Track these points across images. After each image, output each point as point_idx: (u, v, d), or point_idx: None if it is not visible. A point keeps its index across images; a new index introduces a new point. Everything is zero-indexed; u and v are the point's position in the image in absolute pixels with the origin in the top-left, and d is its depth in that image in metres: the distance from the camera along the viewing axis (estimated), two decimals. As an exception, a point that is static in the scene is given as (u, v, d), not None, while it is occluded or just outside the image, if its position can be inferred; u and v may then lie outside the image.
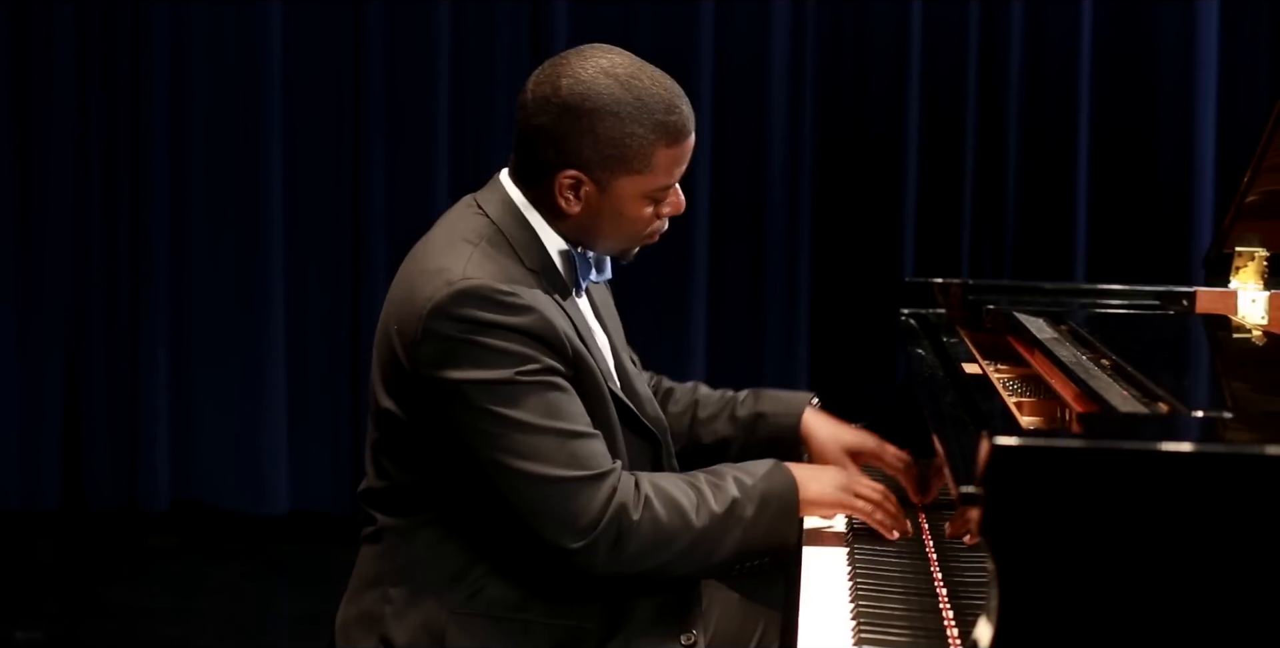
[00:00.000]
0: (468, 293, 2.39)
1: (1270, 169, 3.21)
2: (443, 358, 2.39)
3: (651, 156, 2.48)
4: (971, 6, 5.77)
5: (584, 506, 2.38)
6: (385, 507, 2.55)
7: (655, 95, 2.48)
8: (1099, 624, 1.75)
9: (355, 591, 2.60)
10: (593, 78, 2.46)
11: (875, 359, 5.91)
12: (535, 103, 2.48)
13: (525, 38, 5.88)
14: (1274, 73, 5.70)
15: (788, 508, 2.55)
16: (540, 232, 2.54)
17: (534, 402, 2.39)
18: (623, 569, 2.43)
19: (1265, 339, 3.06)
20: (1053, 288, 3.61)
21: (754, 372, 5.97)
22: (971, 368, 2.88)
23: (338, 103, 5.92)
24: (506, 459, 2.38)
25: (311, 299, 6.00)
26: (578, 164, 2.47)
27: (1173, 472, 1.76)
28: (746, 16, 5.85)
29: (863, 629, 2.25)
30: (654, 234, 2.60)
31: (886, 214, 5.86)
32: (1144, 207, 5.81)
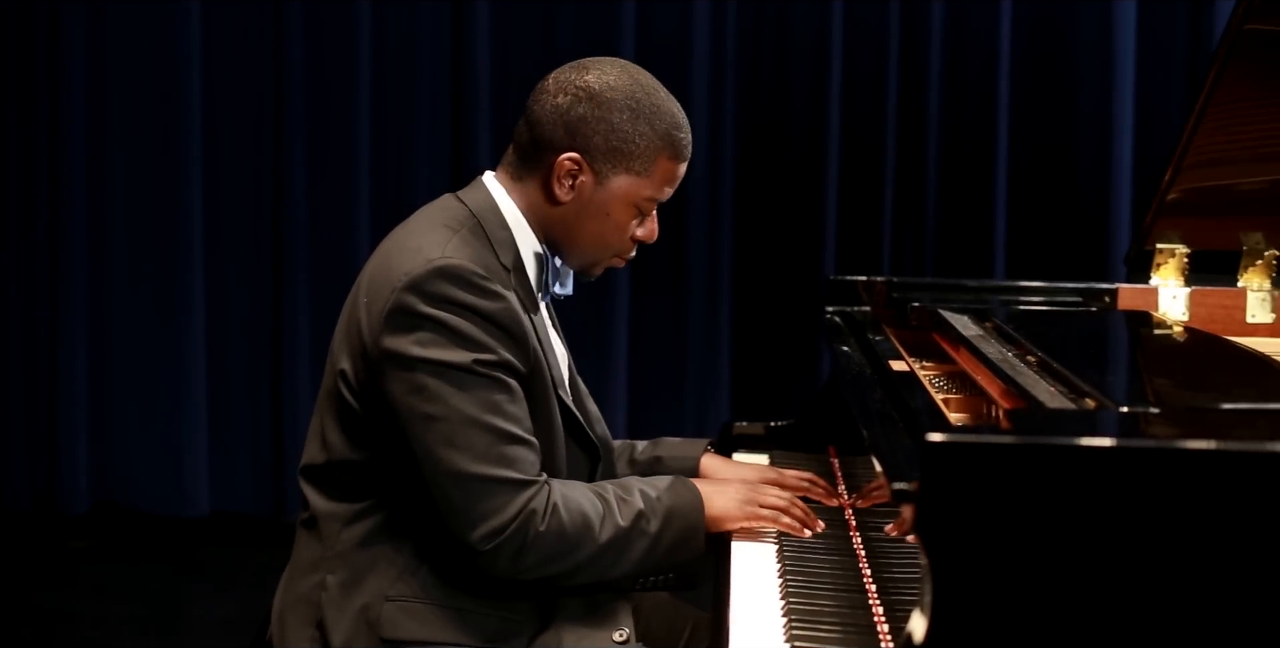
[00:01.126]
0: (445, 271, 2.41)
1: (1191, 166, 3.25)
2: (407, 331, 2.40)
3: (654, 162, 2.55)
4: (892, 6, 5.80)
5: (497, 508, 2.38)
6: (326, 489, 2.55)
7: (670, 109, 2.58)
8: (1031, 618, 1.76)
9: (292, 577, 2.59)
10: (618, 75, 2.55)
11: (798, 358, 5.93)
12: (557, 85, 2.55)
13: (446, 36, 5.86)
14: (1190, 73, 5.76)
15: (692, 526, 2.56)
16: (517, 232, 2.56)
17: (481, 395, 2.39)
18: (521, 576, 2.44)
19: (1186, 335, 3.09)
20: (976, 285, 3.63)
21: (676, 372, 5.99)
22: (898, 365, 2.89)
23: (258, 105, 5.89)
24: (437, 446, 2.38)
25: (232, 300, 5.96)
26: (585, 149, 2.52)
27: (1101, 467, 1.77)
28: (667, 16, 5.85)
29: (794, 627, 2.26)
30: (623, 254, 2.65)
31: (808, 213, 5.88)
32: (1062, 205, 5.86)
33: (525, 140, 2.58)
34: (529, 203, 2.58)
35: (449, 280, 2.40)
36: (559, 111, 2.53)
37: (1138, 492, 1.76)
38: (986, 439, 1.82)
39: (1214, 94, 3.08)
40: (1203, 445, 1.77)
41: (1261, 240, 3.47)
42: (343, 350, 2.51)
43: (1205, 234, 3.50)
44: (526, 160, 2.57)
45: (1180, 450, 1.78)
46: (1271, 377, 2.42)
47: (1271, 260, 3.46)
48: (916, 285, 3.61)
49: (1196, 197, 3.36)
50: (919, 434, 2.00)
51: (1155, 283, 3.53)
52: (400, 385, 2.40)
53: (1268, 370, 2.47)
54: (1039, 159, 5.86)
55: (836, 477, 3.13)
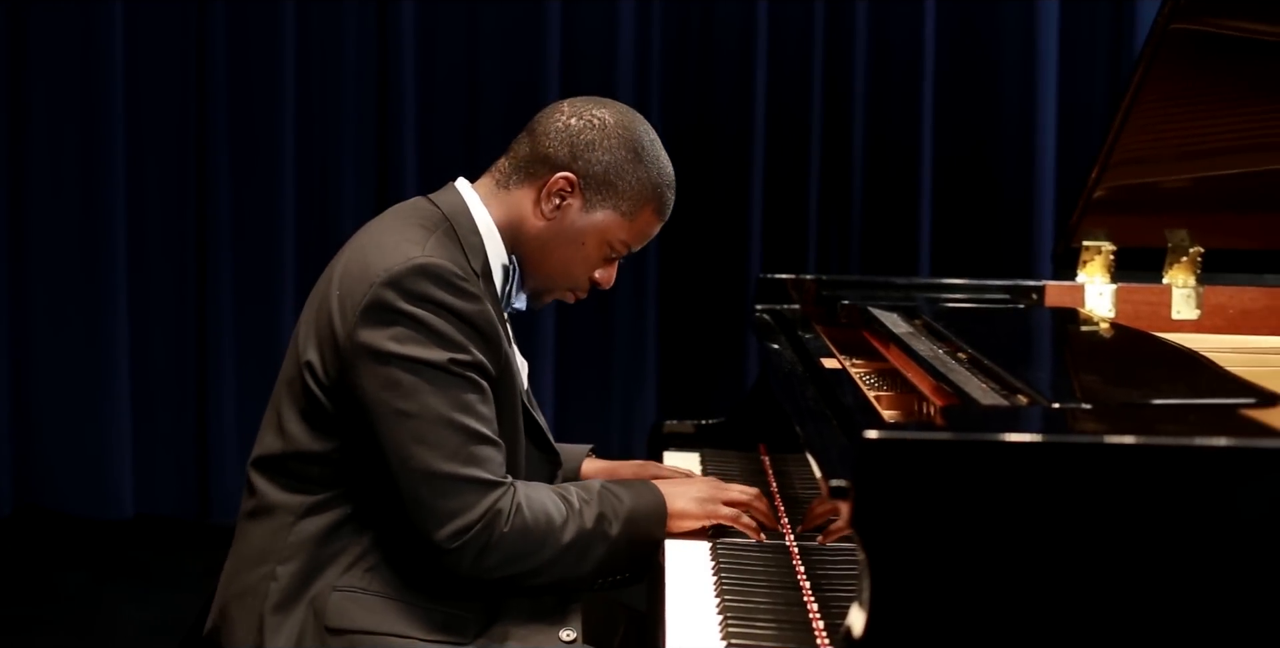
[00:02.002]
0: (426, 270, 2.42)
1: (1118, 165, 3.28)
2: (384, 326, 2.41)
3: (640, 209, 2.62)
4: (817, 6, 5.82)
5: (464, 507, 2.39)
6: (278, 479, 2.54)
7: (669, 169, 2.67)
8: (969, 611, 1.77)
9: (237, 569, 2.57)
10: (632, 119, 2.63)
11: (724, 357, 5.94)
12: (572, 108, 2.60)
13: (371, 38, 5.84)
14: (1112, 72, 5.81)
15: (654, 527, 2.58)
16: (487, 240, 2.58)
17: (454, 394, 2.41)
18: (484, 576, 2.44)
19: (1115, 332, 3.12)
20: (905, 283, 3.67)
21: (603, 372, 5.99)
22: (830, 363, 2.90)
23: (181, 104, 5.85)
24: (407, 442, 2.39)
25: (155, 301, 5.92)
26: (582, 174, 2.57)
27: (1035, 463, 1.79)
28: (592, 17, 5.85)
29: (730, 624, 2.26)
30: (578, 290, 2.69)
31: (734, 212, 5.89)
32: (986, 203, 5.90)
33: (524, 152, 2.61)
34: (509, 214, 2.60)
35: (429, 279, 2.42)
36: (569, 131, 2.57)
37: (1071, 487, 1.77)
38: (922, 436, 1.83)
39: (1140, 93, 3.11)
40: (1135, 441, 1.79)
41: (1186, 238, 3.50)
42: (309, 342, 2.51)
43: (1131, 231, 3.53)
44: (521, 171, 2.60)
45: (1113, 446, 1.79)
46: (1199, 372, 2.45)
47: (1196, 257, 3.50)
48: (845, 283, 3.63)
49: (1122, 194, 3.39)
50: (854, 432, 2.01)
51: (1081, 280, 3.56)
52: (373, 380, 2.40)
53: (1195, 366, 2.50)
54: (963, 158, 5.90)
55: (768, 474, 3.13)
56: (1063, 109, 5.81)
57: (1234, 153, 3.31)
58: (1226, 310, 3.49)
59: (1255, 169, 3.33)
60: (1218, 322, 3.48)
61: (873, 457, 1.80)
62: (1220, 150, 3.32)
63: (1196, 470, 1.77)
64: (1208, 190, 3.41)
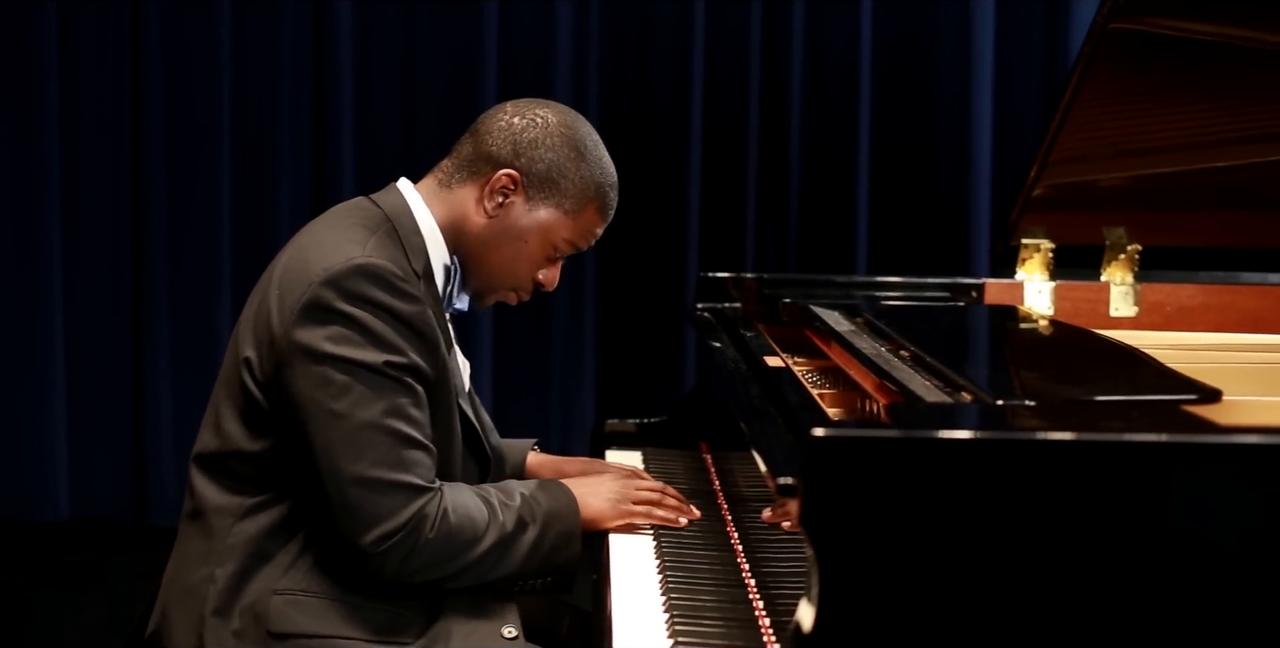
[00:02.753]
0: (366, 270, 2.42)
1: (1056, 163, 3.30)
2: (320, 326, 2.40)
3: (583, 207, 2.63)
4: (754, 5, 5.83)
5: (390, 513, 2.38)
6: (218, 479, 2.53)
7: (611, 169, 2.67)
8: (917, 605, 1.78)
9: (178, 569, 2.56)
10: (574, 120, 2.64)
11: (663, 355, 5.94)
12: (515, 108, 2.62)
13: (308, 36, 5.81)
14: (1047, 71, 5.84)
15: (569, 530, 2.57)
16: (429, 240, 2.58)
17: (388, 397, 2.40)
18: (406, 579, 2.43)
19: (1055, 329, 3.14)
20: (846, 281, 3.68)
21: (541, 371, 5.98)
22: (773, 361, 2.91)
23: (116, 104, 5.81)
24: (337, 444, 2.38)
25: (91, 301, 5.88)
26: (525, 171, 2.58)
27: (983, 459, 1.80)
28: (530, 17, 5.84)
29: (676, 622, 2.26)
30: (521, 290, 2.71)
31: (671, 210, 5.89)
32: (922, 202, 5.92)
33: (467, 152, 2.62)
34: (452, 213, 2.60)
35: (368, 279, 2.41)
36: (511, 130, 2.58)
37: (1018, 483, 1.78)
38: (871, 433, 1.84)
39: (1079, 92, 3.13)
40: (1082, 437, 1.80)
41: (1124, 235, 3.53)
42: (248, 339, 2.50)
43: (1069, 229, 3.56)
44: (464, 170, 2.61)
45: (1061, 443, 1.80)
46: (1140, 368, 2.46)
47: (1134, 255, 3.53)
48: (786, 282, 3.64)
49: (1061, 192, 3.41)
50: (800, 430, 2.02)
51: (1021, 277, 3.58)
52: (307, 379, 2.39)
53: (1136, 362, 2.51)
54: (900, 156, 5.92)
55: (710, 472, 3.14)
56: (999, 108, 5.84)
57: (1171, 151, 3.34)
58: (1164, 307, 3.52)
59: (1192, 167, 3.36)
60: (1155, 319, 3.51)
61: (821, 455, 1.81)
62: (1157, 149, 3.34)
63: (1142, 466, 1.79)
64: (1145, 188, 3.43)
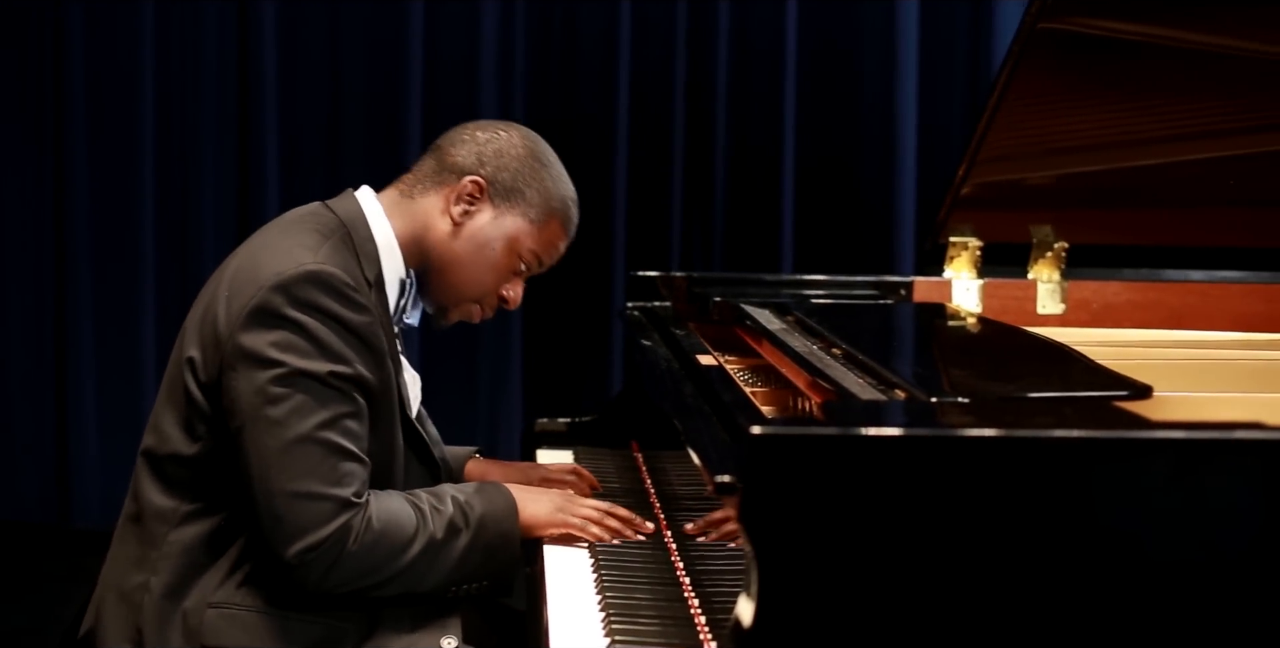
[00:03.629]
0: (317, 277, 2.40)
1: (984, 162, 3.32)
2: (267, 332, 2.38)
3: (548, 219, 2.67)
4: (679, 7, 5.84)
5: (314, 525, 2.36)
6: (159, 480, 2.51)
7: (571, 186, 2.74)
8: (855, 600, 1.79)
9: (113, 571, 2.55)
10: (536, 139, 2.71)
11: (590, 355, 5.94)
12: (477, 126, 2.68)
13: (232, 37, 5.77)
14: (972, 71, 5.88)
15: (506, 531, 2.57)
16: (383, 250, 2.57)
17: (329, 409, 2.38)
18: (330, 590, 2.42)
19: (983, 326, 3.16)
20: (775, 279, 3.68)
21: (468, 372, 5.96)
22: (706, 359, 2.91)
23: (37, 106, 5.75)
24: (270, 453, 2.36)
25: (12, 303, 5.83)
26: (490, 180, 2.61)
27: (920, 456, 1.80)
28: (455, 17, 5.82)
29: (613, 621, 2.26)
30: (486, 303, 2.73)
31: (598, 211, 5.88)
32: (847, 202, 5.94)
33: (429, 165, 2.64)
34: (414, 223, 2.61)
35: (318, 287, 2.40)
36: (476, 142, 2.62)
37: (953, 480, 1.79)
38: (808, 431, 1.84)
39: (1007, 91, 3.15)
40: (1019, 434, 1.82)
41: (1051, 233, 3.56)
42: (194, 340, 2.49)
43: (997, 227, 3.58)
44: (427, 180, 2.63)
45: (997, 440, 1.81)
46: (1071, 365, 2.48)
47: (1061, 253, 3.55)
48: (716, 280, 3.64)
49: (989, 191, 3.43)
50: (736, 428, 2.02)
51: (949, 275, 3.60)
52: (248, 384, 2.38)
53: (1067, 359, 2.53)
54: (824, 156, 5.94)
55: (641, 471, 3.14)
56: (923, 108, 5.87)
57: (1097, 150, 3.37)
58: (1090, 305, 3.55)
59: (1118, 165, 3.39)
60: (1082, 316, 3.54)
61: (760, 453, 1.81)
62: (1084, 147, 3.37)
63: (1077, 462, 1.80)
64: (1072, 187, 3.46)
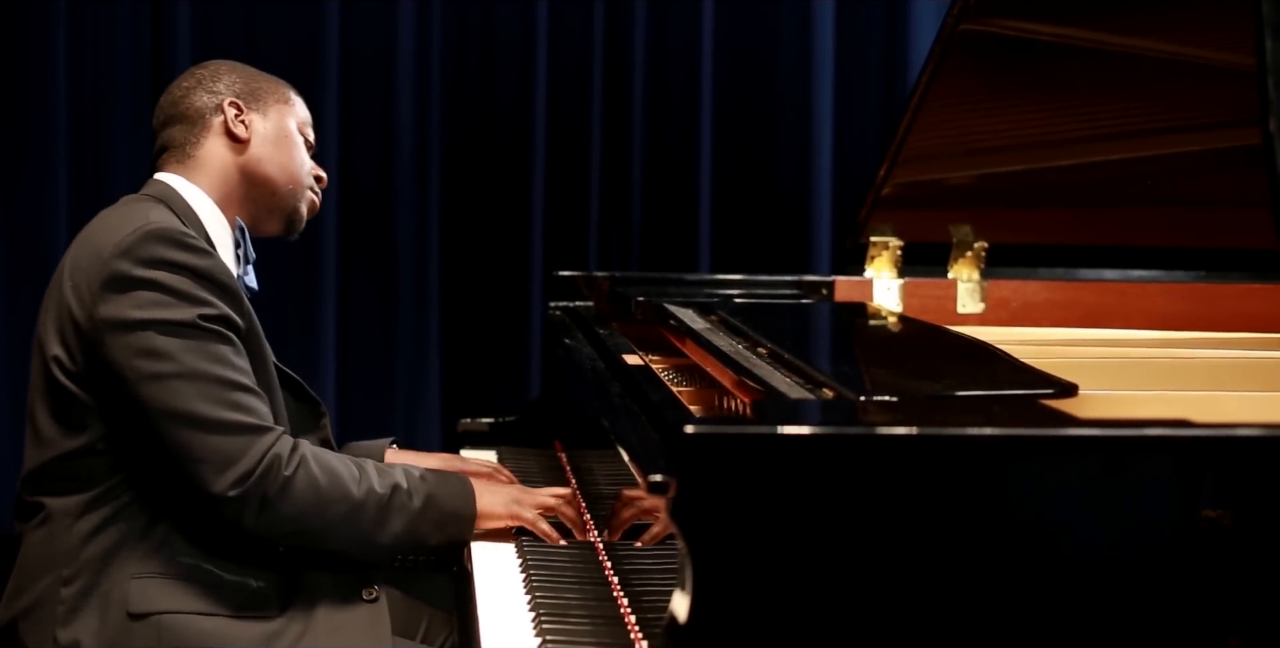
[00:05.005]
0: (155, 234, 2.43)
1: (905, 162, 3.34)
2: (125, 296, 2.40)
3: (289, 97, 2.78)
4: (596, 6, 5.84)
5: (239, 452, 2.37)
6: (51, 487, 2.49)
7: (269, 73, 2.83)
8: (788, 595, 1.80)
9: (20, 585, 2.52)
10: (215, 60, 2.81)
11: (508, 355, 5.93)
12: (175, 85, 2.75)
13: (146, 35, 5.72)
14: (886, 73, 5.92)
15: (459, 510, 2.57)
16: (202, 213, 2.61)
17: (207, 348, 2.40)
18: (276, 527, 2.41)
19: (905, 325, 3.18)
20: (698, 279, 3.69)
21: (385, 373, 5.94)
22: (632, 359, 2.91)
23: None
24: (169, 401, 2.37)
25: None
26: (235, 95, 2.70)
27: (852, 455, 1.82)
28: (371, 16, 5.80)
29: (543, 620, 2.27)
30: (314, 190, 2.78)
31: (515, 210, 5.88)
32: (764, 201, 5.96)
33: (178, 131, 2.69)
34: (214, 169, 2.66)
35: (159, 241, 2.42)
36: (195, 87, 2.72)
37: (885, 478, 1.81)
38: (741, 430, 1.85)
39: (929, 91, 3.18)
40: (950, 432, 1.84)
41: (970, 233, 3.59)
42: (51, 338, 2.48)
43: (917, 227, 3.60)
44: (189, 138, 2.68)
45: (929, 438, 1.83)
46: (996, 364, 2.50)
47: (980, 252, 3.58)
48: (638, 280, 3.65)
49: (909, 191, 3.46)
50: (667, 427, 2.03)
51: (870, 275, 3.62)
52: (123, 351, 2.38)
53: (992, 358, 2.55)
54: (741, 155, 5.96)
55: (566, 471, 3.14)
56: (839, 108, 5.90)
57: (1016, 150, 3.40)
58: (1010, 304, 3.58)
59: (1036, 165, 3.42)
60: (1002, 315, 3.57)
61: (693, 451, 1.81)
62: (1003, 147, 3.40)
63: (1007, 460, 1.82)
64: (991, 186, 3.49)
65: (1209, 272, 3.56)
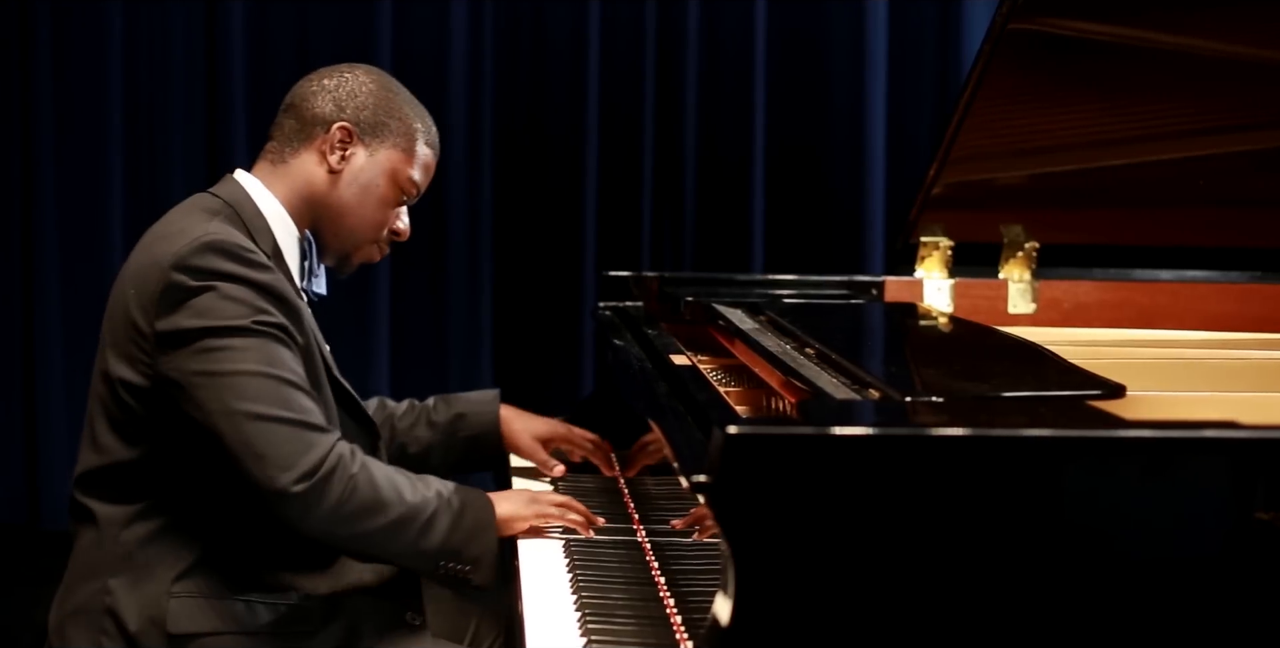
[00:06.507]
0: (211, 246, 2.42)
1: (956, 161, 3.32)
2: (181, 307, 2.39)
3: (414, 142, 2.67)
4: (648, 6, 5.84)
5: (306, 448, 2.35)
6: (102, 493, 2.50)
7: (422, 108, 2.74)
8: (832, 598, 1.79)
9: (70, 585, 2.54)
10: (378, 71, 2.73)
11: (560, 356, 5.94)
12: (319, 75, 2.68)
13: (200, 36, 5.76)
14: (940, 72, 5.89)
15: (485, 518, 2.56)
16: (273, 221, 2.58)
17: (265, 350, 2.39)
18: (337, 528, 2.38)
19: (954, 326, 3.16)
20: (747, 279, 3.68)
21: (438, 372, 5.96)
22: (679, 359, 2.91)
23: (4, 107, 5.73)
24: (230, 401, 2.35)
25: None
26: (354, 121, 2.62)
27: (896, 456, 1.81)
28: (424, 17, 5.82)
29: (588, 620, 2.26)
30: (382, 242, 2.71)
31: (568, 211, 5.89)
32: (817, 201, 5.95)
33: (290, 125, 2.65)
34: (295, 184, 2.62)
35: (216, 253, 2.41)
36: (327, 90, 2.64)
37: (929, 479, 1.80)
38: (784, 431, 1.84)
39: (978, 91, 3.16)
40: (993, 433, 1.82)
41: (1022, 233, 3.57)
42: (113, 347, 2.48)
43: (968, 227, 3.59)
44: (293, 140, 2.63)
45: (971, 439, 1.82)
46: (1044, 365, 2.49)
47: (1031, 252, 3.56)
48: (688, 280, 3.64)
49: (960, 191, 3.44)
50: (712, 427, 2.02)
51: (920, 275, 3.61)
52: (184, 360, 2.38)
53: (1040, 359, 2.54)
54: (794, 155, 5.95)
55: (615, 471, 3.14)
56: (892, 107, 5.89)
57: (1068, 149, 3.38)
58: (1061, 304, 3.56)
59: (1088, 165, 3.40)
60: (1053, 315, 3.55)
61: (735, 452, 1.81)
62: (1055, 147, 3.38)
63: (1051, 462, 1.81)
64: (1043, 186, 3.47)
65: (1263, 272, 3.54)
